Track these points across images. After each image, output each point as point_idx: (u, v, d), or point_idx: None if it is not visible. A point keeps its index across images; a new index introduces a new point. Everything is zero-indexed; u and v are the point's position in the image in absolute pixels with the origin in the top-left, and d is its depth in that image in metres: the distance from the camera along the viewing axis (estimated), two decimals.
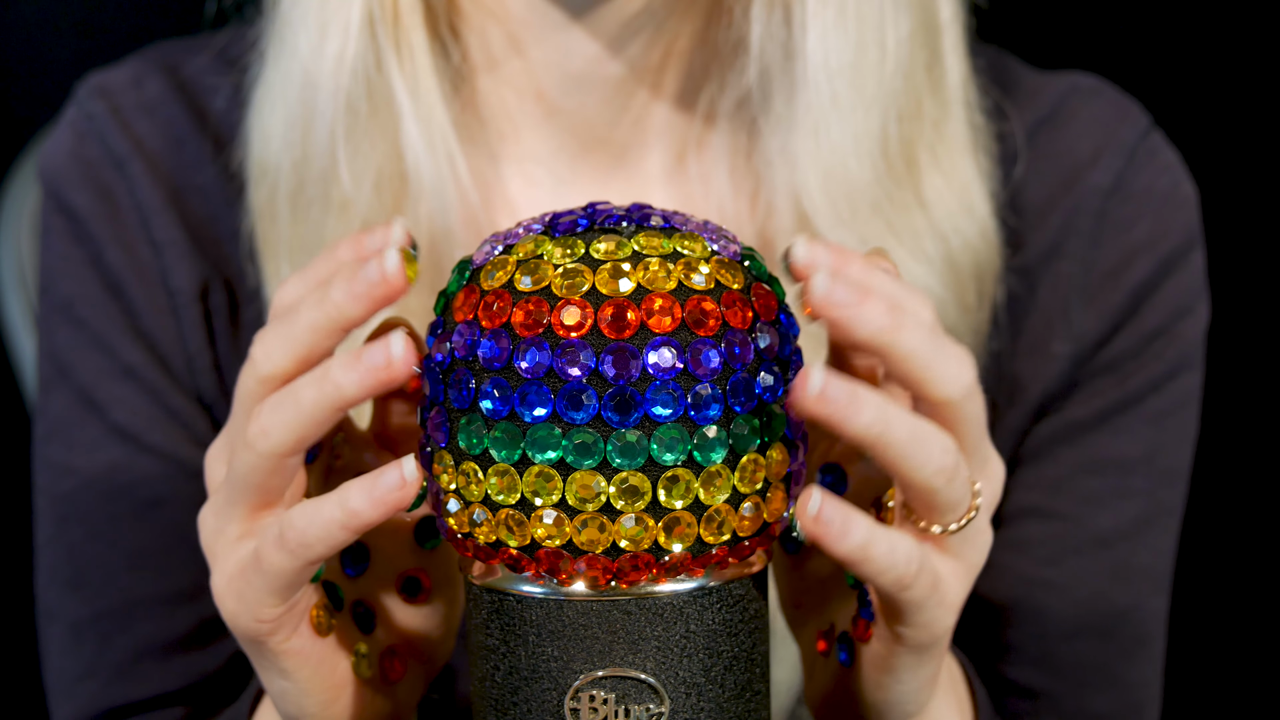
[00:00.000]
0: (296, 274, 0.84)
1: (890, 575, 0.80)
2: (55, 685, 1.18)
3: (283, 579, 0.82)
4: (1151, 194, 1.17)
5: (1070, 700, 1.18)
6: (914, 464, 0.79)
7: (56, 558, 1.17)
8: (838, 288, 0.77)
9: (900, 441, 0.79)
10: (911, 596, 0.81)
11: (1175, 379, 1.18)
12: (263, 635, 0.84)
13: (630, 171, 1.14)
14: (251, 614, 0.84)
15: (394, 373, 0.78)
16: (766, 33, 1.08)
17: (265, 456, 0.81)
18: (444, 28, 1.12)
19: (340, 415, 0.80)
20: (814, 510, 0.78)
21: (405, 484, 0.79)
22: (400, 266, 0.79)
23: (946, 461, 0.80)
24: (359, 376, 0.78)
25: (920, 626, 0.83)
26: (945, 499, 0.81)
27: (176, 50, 1.21)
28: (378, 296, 0.79)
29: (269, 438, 0.80)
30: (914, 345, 0.79)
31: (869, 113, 1.08)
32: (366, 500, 0.79)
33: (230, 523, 0.84)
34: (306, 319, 0.80)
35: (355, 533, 0.80)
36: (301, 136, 1.10)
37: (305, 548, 0.80)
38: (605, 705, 0.81)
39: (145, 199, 1.16)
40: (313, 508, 0.80)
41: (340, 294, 0.79)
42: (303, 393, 0.79)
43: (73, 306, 1.17)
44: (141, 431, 1.15)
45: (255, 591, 0.83)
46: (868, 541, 0.79)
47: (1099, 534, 1.17)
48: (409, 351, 0.78)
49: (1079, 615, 1.17)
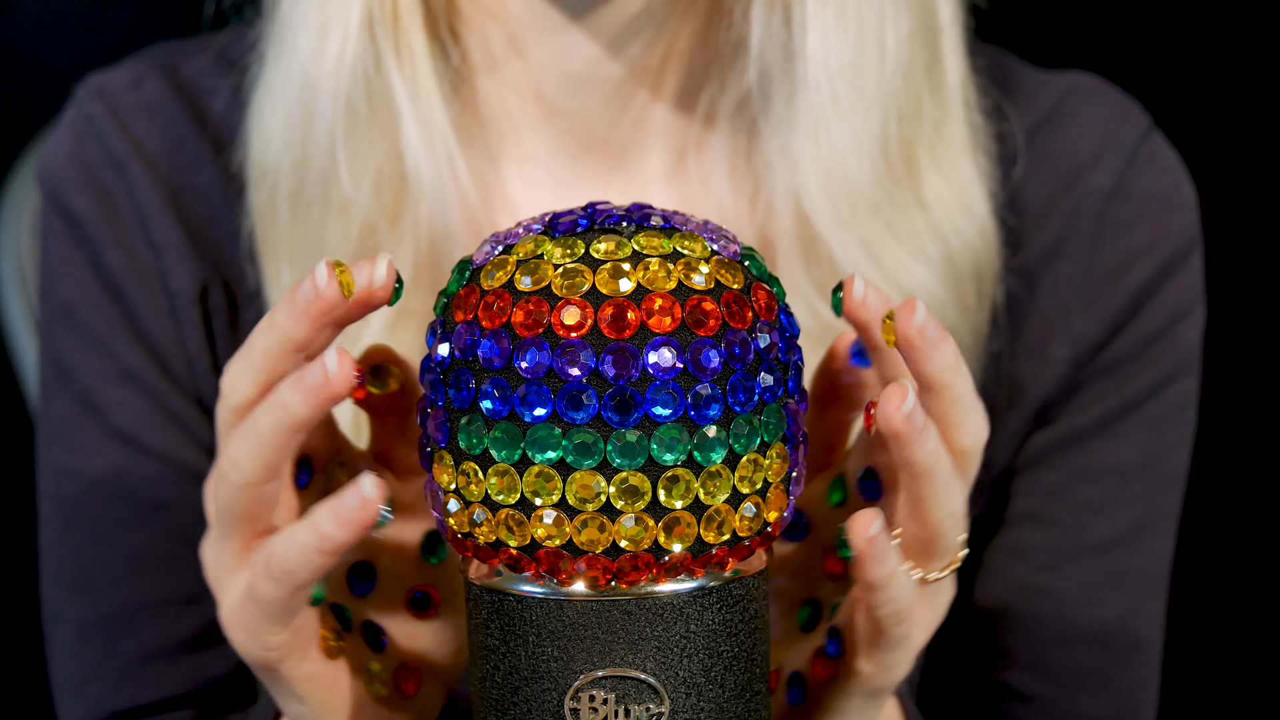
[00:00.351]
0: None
1: (895, 606, 0.84)
2: (62, 687, 1.18)
3: (277, 606, 0.83)
4: (1152, 196, 1.17)
5: (1063, 704, 1.18)
6: (939, 501, 0.83)
7: (62, 560, 1.17)
8: (931, 322, 0.81)
9: (940, 478, 0.83)
10: (899, 633, 0.85)
11: (1173, 384, 1.18)
12: (273, 662, 0.85)
13: (630, 172, 1.14)
14: (258, 643, 0.84)
15: (334, 387, 0.80)
16: (766, 33, 1.08)
17: (240, 486, 0.82)
18: (443, 29, 1.12)
19: (300, 436, 0.81)
20: (873, 531, 0.82)
21: (366, 502, 0.79)
22: (329, 277, 0.80)
23: (958, 507, 0.84)
24: (303, 396, 0.80)
25: (886, 667, 0.86)
26: (944, 545, 0.85)
27: (176, 51, 1.21)
28: (313, 314, 0.81)
29: (239, 468, 0.82)
30: (965, 391, 0.83)
31: (869, 113, 1.08)
32: (334, 522, 0.80)
33: (226, 554, 0.85)
34: (260, 344, 0.82)
35: (333, 555, 0.80)
36: (301, 137, 1.10)
37: (289, 574, 0.81)
38: (605, 705, 0.81)
39: (144, 200, 1.16)
40: (289, 535, 0.81)
41: (282, 317, 0.81)
42: (260, 420, 0.81)
43: (72, 310, 1.16)
44: (142, 434, 1.15)
45: (256, 621, 0.83)
46: (895, 571, 0.83)
47: (1096, 541, 1.17)
48: (345, 365, 0.79)
49: (1074, 621, 1.17)
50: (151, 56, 1.21)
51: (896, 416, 0.80)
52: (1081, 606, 1.17)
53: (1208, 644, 1.79)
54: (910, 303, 0.81)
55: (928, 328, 0.81)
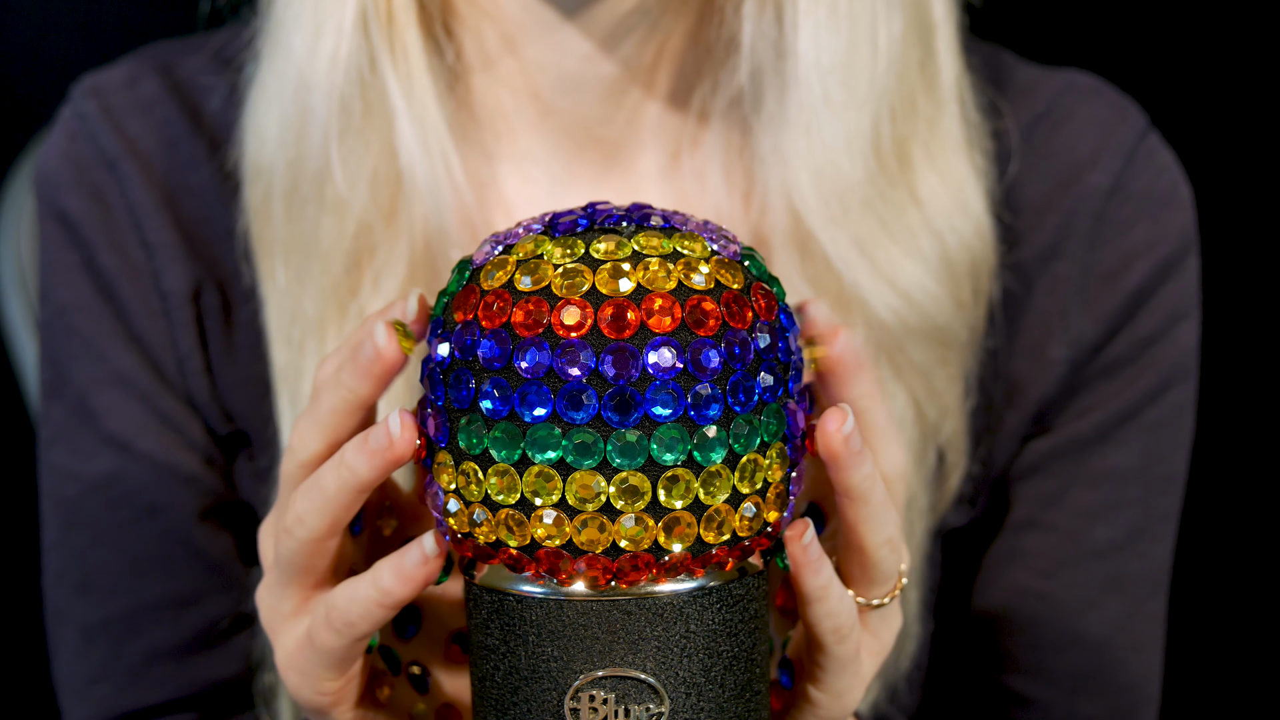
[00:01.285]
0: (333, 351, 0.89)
1: (834, 621, 0.85)
2: (67, 687, 1.18)
3: (335, 655, 0.86)
4: (1150, 196, 1.17)
5: (1063, 707, 1.18)
6: (873, 526, 0.85)
7: (64, 561, 1.17)
8: (863, 345, 0.87)
9: (875, 503, 0.85)
10: (842, 652, 0.86)
11: (1171, 388, 1.18)
12: (326, 707, 0.88)
13: (625, 170, 1.14)
14: (313, 688, 0.87)
15: (397, 451, 0.83)
16: (758, 31, 1.08)
17: (304, 541, 0.85)
18: (438, 27, 1.12)
19: (364, 495, 0.84)
20: (806, 540, 0.84)
21: (428, 560, 0.83)
22: (389, 337, 0.84)
23: (893, 533, 0.86)
24: (367, 459, 0.83)
25: (835, 694, 0.88)
26: (882, 571, 0.87)
27: (171, 50, 1.21)
28: (376, 374, 0.85)
29: (304, 524, 0.85)
30: (882, 418, 0.88)
31: (861, 111, 1.08)
32: (396, 579, 0.83)
33: (284, 601, 0.87)
34: (327, 403, 0.85)
35: (393, 609, 0.84)
36: (296, 136, 1.10)
37: (350, 626, 0.84)
38: (605, 705, 0.81)
39: (137, 200, 1.16)
40: (351, 588, 0.84)
41: (349, 377, 0.85)
42: (325, 479, 0.84)
43: (67, 313, 1.16)
44: (134, 439, 1.15)
45: (314, 667, 0.86)
46: (830, 583, 0.85)
47: (1095, 546, 1.17)
48: (409, 428, 0.82)
49: (1073, 625, 1.17)
50: (147, 55, 1.21)
51: (836, 438, 0.83)
52: (1081, 611, 1.17)
53: (1208, 645, 1.79)
54: (847, 329, 0.87)
55: (858, 353, 0.87)
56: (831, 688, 0.88)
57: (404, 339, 0.85)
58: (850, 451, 0.83)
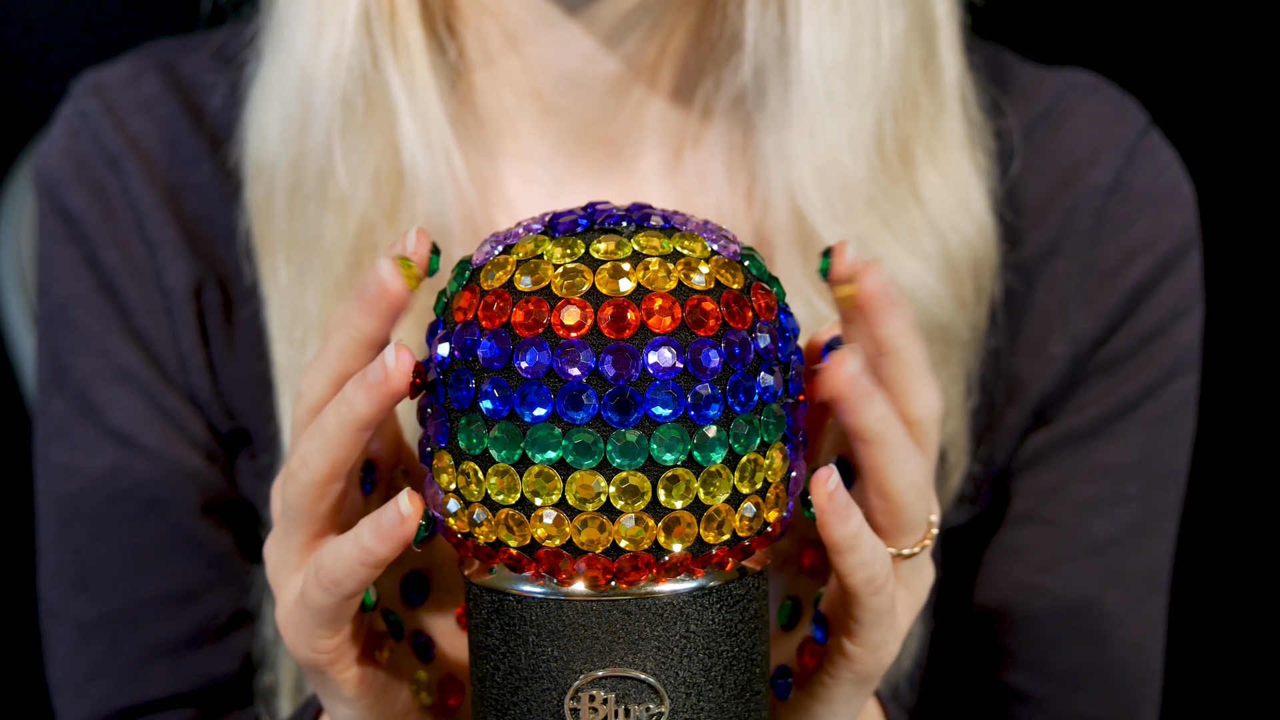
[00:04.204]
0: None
1: (867, 571, 0.83)
2: (62, 685, 1.18)
3: (327, 613, 0.85)
4: (1151, 193, 1.17)
5: (1062, 704, 1.18)
6: (896, 470, 0.84)
7: (62, 558, 1.17)
8: (893, 285, 0.84)
9: (893, 445, 0.83)
10: (877, 604, 0.84)
11: (1171, 383, 1.18)
12: (323, 665, 0.87)
13: (627, 169, 1.14)
14: (309, 645, 0.86)
15: (394, 383, 0.81)
16: (761, 29, 1.08)
17: (308, 485, 0.84)
18: (440, 25, 1.12)
19: (365, 434, 0.83)
20: (831, 486, 0.82)
21: (403, 518, 0.82)
22: (394, 271, 0.82)
23: (919, 478, 0.84)
24: (365, 393, 0.81)
25: (872, 648, 0.86)
26: (910, 517, 0.85)
27: (173, 48, 1.21)
28: (383, 309, 0.83)
29: (307, 466, 0.84)
30: (917, 359, 0.85)
31: (864, 109, 1.08)
32: (375, 537, 0.82)
33: (289, 554, 0.87)
34: (335, 343, 0.84)
35: (376, 568, 0.83)
36: (298, 134, 1.10)
37: (337, 584, 0.83)
38: (605, 705, 0.81)
39: (140, 197, 1.16)
40: (336, 546, 0.83)
41: (355, 314, 0.83)
42: (327, 419, 0.83)
43: (68, 307, 1.16)
44: (136, 433, 1.15)
45: (307, 625, 0.86)
46: (860, 531, 0.83)
47: (1093, 541, 1.17)
48: (404, 360, 0.81)
49: (1072, 621, 1.17)
50: (149, 53, 1.21)
51: (840, 376, 0.81)
52: (1080, 606, 1.17)
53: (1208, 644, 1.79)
54: (875, 262, 0.84)
55: (889, 288, 0.84)
56: (868, 641, 0.86)
57: (410, 275, 0.83)
58: (858, 392, 0.81)
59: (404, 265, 0.82)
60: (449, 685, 0.92)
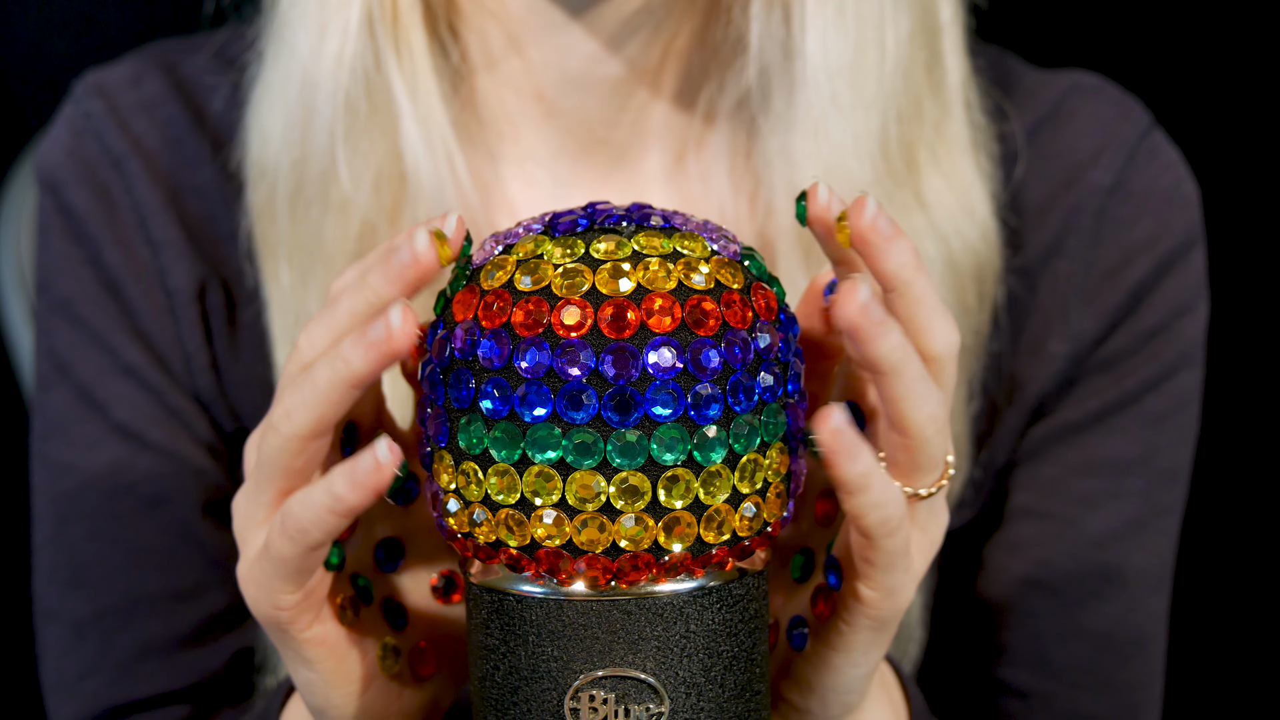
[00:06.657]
0: (351, 267, 0.86)
1: (881, 513, 0.81)
2: (55, 684, 1.18)
3: (290, 565, 0.82)
4: (1153, 193, 1.17)
5: (1063, 701, 1.18)
6: (914, 403, 0.81)
7: (57, 557, 1.17)
8: (883, 217, 0.80)
9: (910, 377, 0.80)
10: (892, 545, 0.82)
11: (1173, 379, 1.17)
12: (283, 622, 0.85)
13: (630, 172, 1.14)
14: (269, 600, 0.84)
15: (395, 344, 0.79)
16: (765, 32, 1.08)
17: (289, 438, 0.82)
18: (443, 27, 1.12)
19: (355, 393, 0.80)
20: (836, 424, 0.79)
21: (380, 466, 0.79)
22: (430, 245, 0.80)
23: (938, 411, 0.82)
24: (364, 350, 0.79)
25: (887, 591, 0.84)
26: (928, 454, 0.82)
27: (175, 49, 1.21)
28: (409, 279, 0.81)
29: (290, 419, 0.81)
30: (927, 290, 0.82)
31: (868, 113, 1.08)
32: (347, 484, 0.79)
33: (258, 508, 0.84)
34: (346, 305, 0.82)
35: (345, 516, 0.80)
36: (300, 136, 1.10)
37: (303, 533, 0.81)
38: (605, 705, 0.81)
39: (143, 198, 1.16)
40: (305, 493, 0.81)
41: (377, 279, 0.81)
42: (318, 373, 0.80)
43: (71, 305, 1.16)
44: (143, 429, 1.15)
45: (268, 578, 0.83)
46: (871, 470, 0.80)
47: (1094, 536, 1.17)
48: (408, 320, 0.79)
49: (1073, 617, 1.17)
50: (151, 54, 1.21)
51: (851, 307, 0.79)
52: (1081, 601, 1.17)
53: (1209, 644, 1.79)
54: (861, 200, 0.81)
55: (880, 222, 0.81)
56: (883, 585, 0.84)
57: (444, 252, 0.81)
58: (871, 321, 0.78)
59: (438, 237, 0.81)
60: (421, 656, 0.91)
